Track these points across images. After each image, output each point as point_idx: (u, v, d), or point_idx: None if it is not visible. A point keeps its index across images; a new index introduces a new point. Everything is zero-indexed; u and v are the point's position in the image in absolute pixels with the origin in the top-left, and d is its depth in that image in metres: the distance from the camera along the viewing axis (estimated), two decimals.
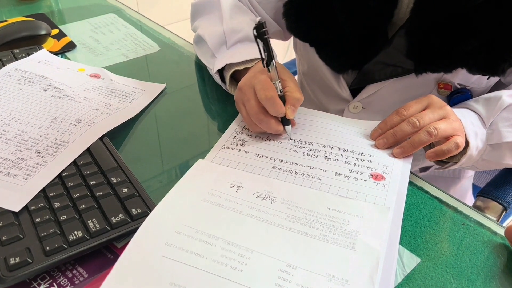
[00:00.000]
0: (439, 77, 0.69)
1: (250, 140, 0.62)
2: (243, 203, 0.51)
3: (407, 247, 0.50)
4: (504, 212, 0.75)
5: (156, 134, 0.68)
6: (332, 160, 0.59)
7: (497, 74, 0.64)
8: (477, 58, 0.63)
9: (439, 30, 0.64)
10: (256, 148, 0.61)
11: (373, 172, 0.56)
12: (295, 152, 0.60)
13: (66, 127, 0.62)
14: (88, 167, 0.55)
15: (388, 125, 0.61)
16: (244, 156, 0.59)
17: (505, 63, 0.62)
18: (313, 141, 0.62)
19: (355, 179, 0.56)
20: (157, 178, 0.59)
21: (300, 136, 0.62)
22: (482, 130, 0.64)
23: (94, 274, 0.46)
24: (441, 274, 0.47)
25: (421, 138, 0.57)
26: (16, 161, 0.56)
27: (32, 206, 0.50)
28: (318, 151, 0.60)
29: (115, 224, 0.48)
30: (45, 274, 0.46)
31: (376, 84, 0.72)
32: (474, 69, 0.65)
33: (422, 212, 0.55)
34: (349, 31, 0.69)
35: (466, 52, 0.63)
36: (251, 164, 0.58)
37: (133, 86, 0.75)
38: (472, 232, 0.52)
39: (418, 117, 0.58)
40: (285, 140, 0.62)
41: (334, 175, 0.56)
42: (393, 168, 0.57)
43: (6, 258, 0.43)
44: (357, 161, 0.58)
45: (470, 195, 0.93)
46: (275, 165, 0.58)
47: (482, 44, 0.62)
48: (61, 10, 1.08)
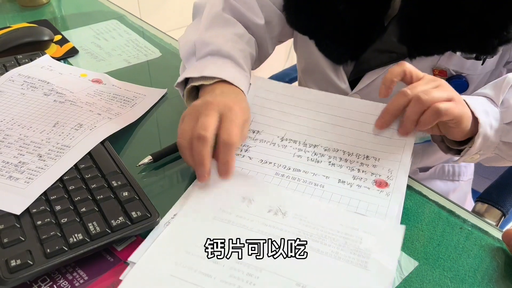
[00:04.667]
0: (434, 64, 0.70)
1: (254, 146, 0.61)
2: (254, 219, 0.51)
3: (405, 250, 0.50)
4: (503, 218, 0.75)
5: (157, 138, 0.69)
6: (336, 166, 0.58)
7: (488, 52, 0.65)
8: (468, 38, 0.65)
9: (430, 14, 0.65)
10: (260, 153, 0.60)
11: (377, 179, 0.56)
12: (299, 157, 0.59)
13: (68, 131, 0.62)
14: (89, 171, 0.56)
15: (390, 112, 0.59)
16: (248, 162, 0.59)
17: (495, 39, 0.64)
18: (318, 144, 0.61)
19: (358, 187, 0.55)
20: (158, 183, 0.59)
21: (305, 137, 0.62)
22: (494, 109, 0.62)
23: (94, 276, 0.46)
24: (438, 278, 0.47)
25: (413, 108, 0.55)
26: (18, 164, 0.56)
27: (33, 209, 0.50)
28: (323, 155, 0.59)
29: (115, 227, 0.48)
30: (45, 276, 0.46)
31: (372, 72, 0.72)
32: (465, 50, 0.66)
33: (420, 215, 0.55)
34: (348, 21, 0.71)
35: (456, 34, 0.65)
36: (254, 170, 0.57)
37: (135, 91, 0.76)
38: (470, 236, 0.52)
39: (411, 87, 0.57)
40: (289, 144, 0.61)
41: (337, 182, 0.56)
42: (398, 172, 0.57)
43: (7, 260, 0.44)
44: (362, 167, 0.57)
45: (470, 199, 0.93)
46: (278, 172, 0.57)
47: (471, 24, 0.63)
48: (64, 17, 1.09)
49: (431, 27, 0.66)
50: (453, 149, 0.64)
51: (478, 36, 0.64)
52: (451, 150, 0.64)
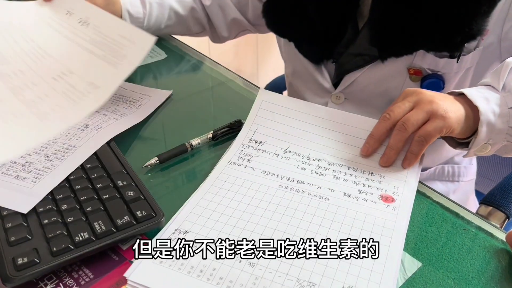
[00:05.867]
0: (409, 63, 0.72)
1: (257, 156, 0.60)
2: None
3: (408, 251, 0.50)
4: (507, 221, 0.75)
5: (162, 139, 0.69)
6: (340, 179, 0.57)
7: (454, 49, 0.67)
8: (432, 36, 0.67)
9: (396, 16, 0.69)
10: (263, 164, 0.59)
11: (383, 194, 0.55)
12: (302, 170, 0.59)
13: (74, 131, 0.63)
14: (95, 171, 0.56)
15: (375, 136, 0.60)
16: (250, 173, 0.58)
17: (458, 36, 0.65)
18: (321, 158, 0.60)
19: (364, 201, 0.54)
20: (164, 184, 0.60)
21: (309, 151, 0.61)
22: (494, 95, 0.60)
23: (99, 275, 0.47)
24: (442, 279, 0.47)
25: (396, 137, 0.57)
26: (25, 164, 0.57)
27: (40, 208, 0.51)
28: (327, 169, 0.59)
29: (121, 226, 0.49)
30: (51, 274, 0.47)
31: (351, 74, 0.76)
32: (432, 48, 0.68)
33: (424, 217, 0.55)
34: (318, 22, 0.75)
35: (421, 33, 0.67)
36: (257, 182, 0.56)
37: (140, 92, 0.77)
38: (474, 237, 0.53)
39: (389, 110, 0.59)
40: (293, 156, 0.61)
41: (342, 195, 0.55)
42: (404, 189, 0.56)
43: (14, 258, 0.45)
44: (367, 181, 0.57)
45: (473, 199, 0.93)
46: (282, 184, 0.56)
47: (435, 23, 0.66)
48: None
49: (398, 29, 0.69)
50: (462, 143, 0.63)
51: (442, 34, 0.67)
52: (460, 145, 0.64)
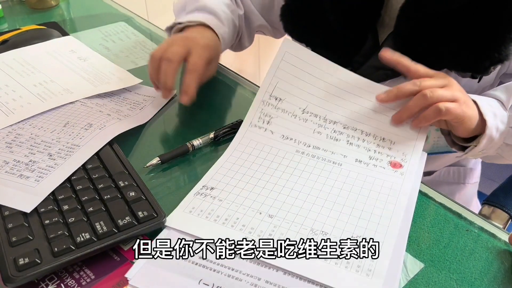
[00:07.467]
0: None
1: (276, 116, 0.63)
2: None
3: (410, 252, 0.50)
4: (510, 221, 0.75)
5: (164, 140, 0.69)
6: (353, 145, 0.61)
7: (480, 72, 0.66)
8: (460, 57, 0.66)
9: (424, 32, 0.66)
10: (281, 127, 0.63)
11: (392, 160, 0.59)
12: (319, 134, 0.62)
13: (78, 131, 0.63)
14: (97, 171, 0.56)
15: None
16: (269, 137, 0.62)
17: (487, 61, 0.64)
18: (337, 120, 0.63)
19: (374, 166, 0.58)
20: (165, 185, 0.60)
21: (326, 112, 0.63)
22: (502, 112, 0.63)
23: (100, 275, 0.47)
24: (444, 280, 0.47)
25: (416, 102, 0.58)
26: (29, 163, 0.57)
27: (41, 208, 0.51)
28: (341, 133, 0.62)
29: (122, 226, 0.49)
30: (53, 275, 0.47)
31: None
32: (458, 68, 0.67)
33: (426, 217, 0.55)
34: (338, 31, 0.73)
35: (449, 52, 0.66)
36: (276, 147, 0.61)
37: (144, 94, 0.76)
38: (476, 238, 0.52)
39: (422, 79, 0.59)
40: (310, 118, 0.63)
41: (354, 161, 0.59)
42: (411, 156, 0.59)
43: (15, 258, 0.45)
44: (378, 148, 0.60)
45: (476, 201, 0.93)
46: (299, 149, 0.61)
47: (464, 44, 0.65)
48: (73, 19, 1.11)
49: (425, 46, 0.67)
50: (458, 144, 0.65)
51: (470, 56, 0.65)
52: (456, 145, 0.66)
